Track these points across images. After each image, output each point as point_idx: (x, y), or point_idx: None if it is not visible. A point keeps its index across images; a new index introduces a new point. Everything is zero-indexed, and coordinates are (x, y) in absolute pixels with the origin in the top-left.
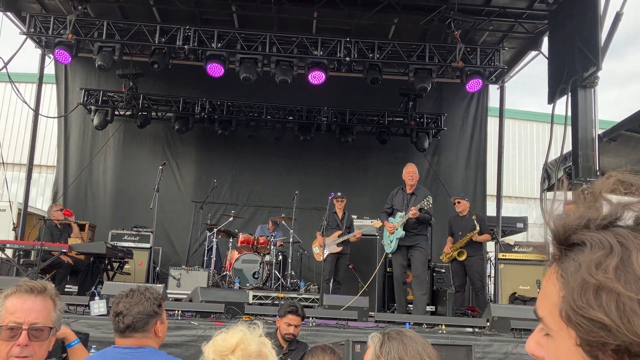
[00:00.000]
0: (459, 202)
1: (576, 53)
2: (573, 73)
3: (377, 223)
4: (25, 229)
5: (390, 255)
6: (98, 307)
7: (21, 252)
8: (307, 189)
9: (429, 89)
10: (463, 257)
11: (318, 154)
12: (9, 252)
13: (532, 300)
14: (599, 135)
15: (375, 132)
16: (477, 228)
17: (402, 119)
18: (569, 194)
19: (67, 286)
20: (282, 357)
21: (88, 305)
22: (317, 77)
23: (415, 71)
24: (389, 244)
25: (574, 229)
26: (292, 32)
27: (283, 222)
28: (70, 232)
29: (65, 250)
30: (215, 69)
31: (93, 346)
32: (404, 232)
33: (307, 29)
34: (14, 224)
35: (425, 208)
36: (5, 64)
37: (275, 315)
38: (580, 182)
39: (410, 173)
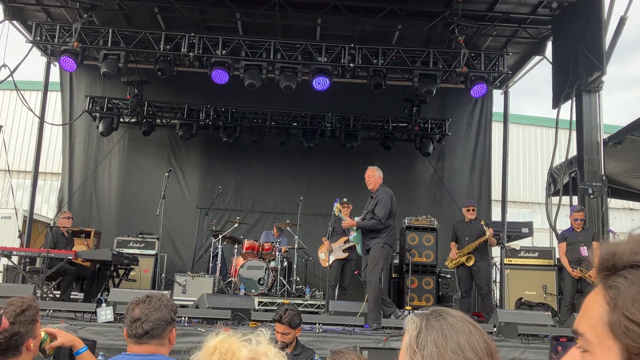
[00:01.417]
0: (473, 210)
1: (580, 58)
2: (577, 78)
3: None
4: (30, 236)
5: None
6: (105, 314)
7: (27, 259)
8: (311, 194)
9: (434, 92)
10: (471, 262)
11: (322, 160)
12: (15, 260)
13: (539, 305)
14: (604, 139)
15: (379, 137)
16: (488, 232)
17: (406, 125)
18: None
19: (73, 293)
20: None
21: (95, 312)
22: (321, 83)
23: (420, 76)
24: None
25: (626, 257)
26: (296, 39)
27: (288, 228)
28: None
29: (71, 258)
30: (220, 76)
31: (100, 353)
32: (355, 234)
33: (311, 35)
34: (19, 231)
35: (376, 216)
36: (12, 72)
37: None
38: (586, 186)
39: (366, 178)
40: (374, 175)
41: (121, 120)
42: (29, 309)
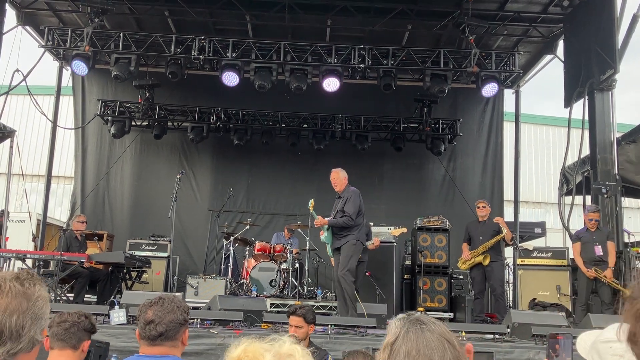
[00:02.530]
0: (483, 207)
1: (592, 56)
2: (590, 76)
3: (397, 231)
4: (44, 239)
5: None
6: (118, 316)
7: (41, 262)
8: (322, 196)
9: (446, 91)
10: (487, 261)
11: (333, 161)
12: (29, 263)
13: (552, 306)
14: (617, 138)
15: (390, 138)
16: (504, 230)
17: (417, 125)
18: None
19: (86, 296)
20: None
21: (108, 315)
22: (331, 84)
23: (431, 76)
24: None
25: None
26: (306, 40)
27: (299, 229)
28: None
29: (84, 261)
30: (230, 78)
31: (113, 355)
32: (326, 235)
33: (321, 36)
34: (33, 234)
35: (345, 214)
36: (25, 77)
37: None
38: (600, 186)
39: (332, 180)
40: (338, 177)
41: (133, 123)
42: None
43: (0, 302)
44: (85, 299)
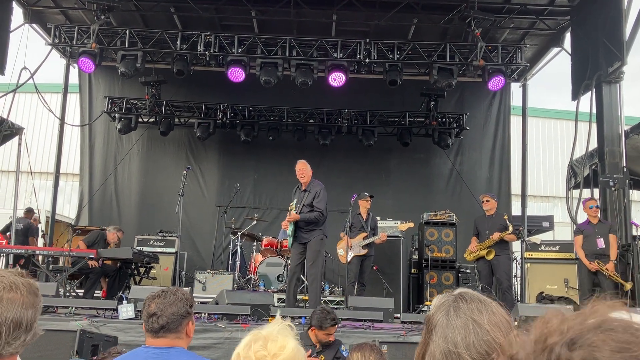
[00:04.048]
0: (487, 201)
1: (600, 48)
2: (597, 69)
3: (404, 225)
4: (53, 236)
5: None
6: (126, 310)
7: (50, 259)
8: (329, 191)
9: (453, 85)
10: (491, 256)
11: (340, 156)
12: (39, 259)
13: (560, 299)
14: (625, 130)
15: (396, 133)
16: (510, 228)
17: (423, 120)
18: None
19: (95, 291)
20: (317, 355)
21: (116, 309)
22: (337, 79)
23: (439, 70)
24: (288, 239)
25: None
26: (312, 35)
27: None
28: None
29: (92, 257)
30: (236, 74)
31: (122, 349)
32: (291, 229)
33: (326, 31)
34: (42, 231)
35: (316, 209)
36: (32, 75)
37: (300, 317)
38: (607, 179)
39: (299, 171)
40: (307, 169)
41: (140, 120)
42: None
43: (19, 297)
44: (95, 295)
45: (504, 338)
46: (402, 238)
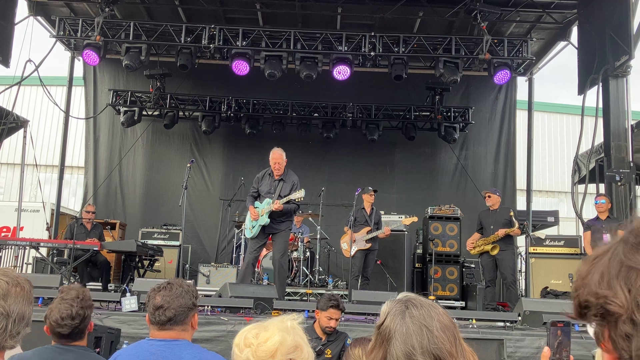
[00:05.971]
0: (489, 197)
1: (607, 42)
2: (604, 63)
3: (408, 220)
4: (58, 228)
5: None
6: (129, 303)
7: (55, 251)
8: (333, 185)
9: (458, 81)
10: (496, 252)
11: (344, 150)
12: (43, 251)
13: (565, 294)
14: (632, 125)
15: (401, 127)
16: (516, 224)
17: (428, 113)
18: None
19: (91, 284)
20: (322, 347)
21: (119, 302)
22: (342, 72)
23: (445, 64)
24: (251, 228)
25: None
26: (317, 28)
27: (310, 218)
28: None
29: (97, 249)
30: (241, 67)
31: (125, 341)
32: (268, 220)
33: (331, 24)
34: (47, 224)
35: (297, 201)
36: (37, 67)
37: (304, 310)
38: (613, 173)
39: (273, 160)
40: (283, 158)
41: (144, 113)
42: (84, 293)
43: (23, 293)
44: (91, 287)
45: (450, 344)
46: (406, 232)
